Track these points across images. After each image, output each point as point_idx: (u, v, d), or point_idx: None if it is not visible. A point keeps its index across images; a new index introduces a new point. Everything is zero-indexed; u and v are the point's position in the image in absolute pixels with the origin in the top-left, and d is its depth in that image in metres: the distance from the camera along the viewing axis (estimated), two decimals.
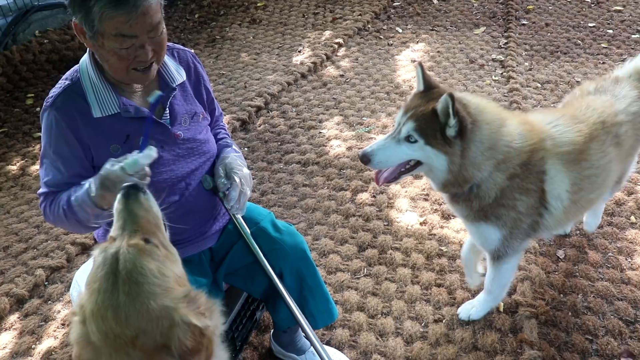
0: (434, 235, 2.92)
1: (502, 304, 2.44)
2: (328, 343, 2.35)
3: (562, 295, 2.51)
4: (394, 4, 6.46)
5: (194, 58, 1.93)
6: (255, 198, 3.36)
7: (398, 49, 5.36)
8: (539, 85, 4.45)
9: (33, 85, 5.15)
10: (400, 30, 5.76)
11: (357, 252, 2.87)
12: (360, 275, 2.71)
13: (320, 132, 4.02)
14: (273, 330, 2.31)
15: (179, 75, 1.82)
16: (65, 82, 1.68)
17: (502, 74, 4.69)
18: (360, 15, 6.16)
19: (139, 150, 1.54)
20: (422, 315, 2.45)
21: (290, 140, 3.97)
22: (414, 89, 2.00)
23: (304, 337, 2.22)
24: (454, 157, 1.84)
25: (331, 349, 2.27)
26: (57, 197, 1.68)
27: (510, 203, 1.98)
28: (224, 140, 2.06)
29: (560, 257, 2.71)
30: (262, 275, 1.93)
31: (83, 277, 2.15)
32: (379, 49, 5.40)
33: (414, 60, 5.05)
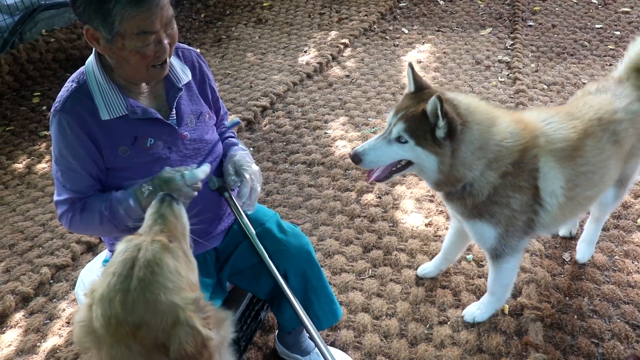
0: (439, 237, 2.91)
1: (507, 306, 2.44)
2: (332, 344, 2.34)
3: (567, 298, 2.50)
4: (400, 4, 6.45)
5: (199, 57, 1.92)
6: (260, 198, 3.36)
7: (404, 49, 5.35)
8: (545, 87, 4.44)
9: (39, 84, 5.17)
10: (406, 31, 5.75)
11: (362, 253, 2.87)
12: (365, 276, 2.70)
13: (325, 133, 4.02)
14: (278, 331, 2.31)
15: (185, 75, 1.82)
16: (72, 85, 1.66)
17: (508, 75, 4.67)
18: (366, 15, 6.16)
19: (197, 166, 1.70)
20: (427, 317, 2.45)
21: (295, 141, 3.97)
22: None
23: (309, 338, 2.22)
24: (444, 157, 1.86)
25: (335, 350, 2.27)
26: (88, 204, 1.67)
27: (504, 201, 1.99)
28: (230, 139, 2.06)
29: (566, 260, 2.70)
30: (267, 276, 1.93)
31: (89, 276, 2.16)
32: (385, 49, 5.40)
33: (420, 61, 5.04)
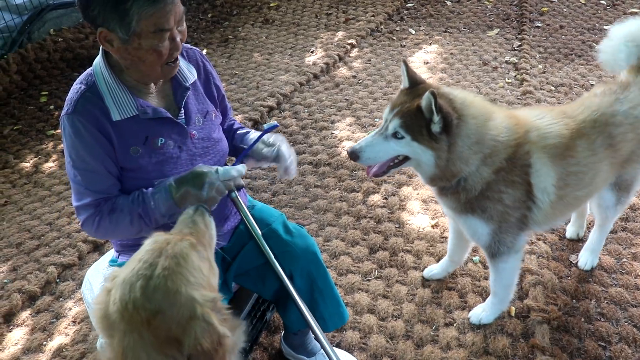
0: (446, 238, 2.90)
1: (513, 309, 2.43)
2: (338, 345, 2.34)
3: (574, 300, 2.49)
4: (407, 5, 6.44)
5: (202, 56, 1.93)
6: (266, 198, 3.37)
7: (411, 50, 5.34)
8: (552, 88, 4.41)
9: (47, 84, 5.20)
10: (413, 32, 5.74)
11: (368, 254, 2.86)
12: (371, 278, 2.70)
13: (332, 133, 4.02)
14: (283, 332, 2.31)
15: (191, 74, 1.83)
16: (80, 87, 1.65)
17: (515, 76, 4.65)
18: (373, 16, 6.15)
19: (234, 164, 1.75)
20: (433, 318, 2.44)
21: (302, 141, 3.96)
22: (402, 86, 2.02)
23: (315, 339, 2.22)
24: (440, 152, 1.86)
25: (341, 352, 2.26)
26: (117, 204, 1.66)
27: (496, 196, 1.99)
28: (242, 129, 2.09)
29: (573, 262, 2.68)
30: (272, 276, 1.93)
31: (95, 275, 2.16)
32: (392, 50, 5.39)
33: (427, 62, 5.03)
